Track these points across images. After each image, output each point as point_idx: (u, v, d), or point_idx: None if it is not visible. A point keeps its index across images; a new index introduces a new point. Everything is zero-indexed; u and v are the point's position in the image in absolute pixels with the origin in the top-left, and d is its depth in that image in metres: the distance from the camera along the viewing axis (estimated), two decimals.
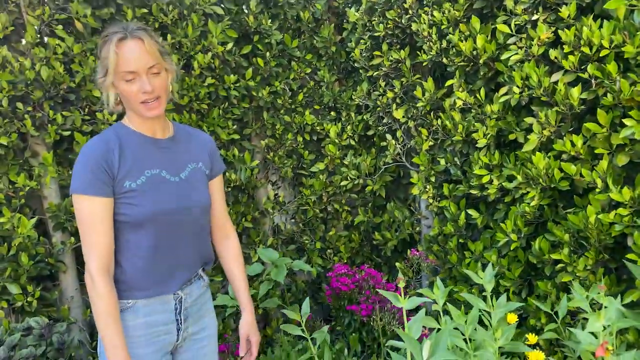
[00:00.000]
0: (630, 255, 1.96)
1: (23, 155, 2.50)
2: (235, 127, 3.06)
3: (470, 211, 2.72)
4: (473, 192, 2.65)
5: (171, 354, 1.58)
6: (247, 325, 1.70)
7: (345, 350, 2.24)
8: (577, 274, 2.21)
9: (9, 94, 2.35)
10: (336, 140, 3.33)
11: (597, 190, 2.06)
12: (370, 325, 2.46)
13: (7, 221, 2.34)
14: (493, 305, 1.67)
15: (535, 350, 1.66)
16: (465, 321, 1.52)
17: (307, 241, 3.39)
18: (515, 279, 2.52)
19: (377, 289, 2.48)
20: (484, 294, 1.69)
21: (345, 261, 3.49)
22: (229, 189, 3.04)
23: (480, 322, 1.82)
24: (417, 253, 2.67)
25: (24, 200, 2.43)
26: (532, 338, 1.73)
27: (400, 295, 1.20)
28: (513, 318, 1.84)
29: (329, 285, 2.57)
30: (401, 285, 1.17)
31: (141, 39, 1.40)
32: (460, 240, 2.84)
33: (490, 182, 2.53)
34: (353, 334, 2.46)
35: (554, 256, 2.25)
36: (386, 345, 2.04)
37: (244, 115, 3.13)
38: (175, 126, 1.62)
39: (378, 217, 3.38)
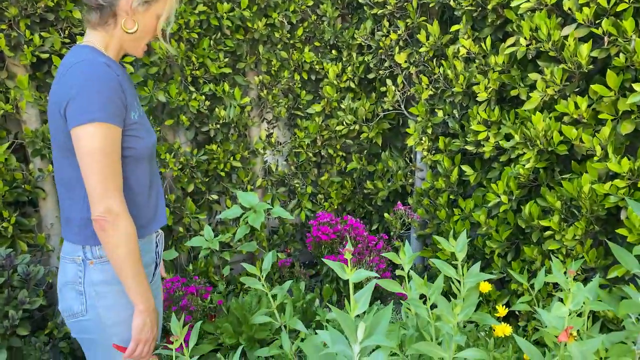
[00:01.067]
0: (621, 230, 1.85)
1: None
2: (227, 59, 2.90)
3: (464, 167, 2.59)
4: (468, 148, 2.51)
5: None
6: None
7: (317, 301, 2.20)
8: (564, 243, 2.10)
9: None
10: (335, 82, 3.16)
11: (596, 158, 1.91)
12: None
13: None
14: (464, 274, 1.59)
15: (503, 323, 1.59)
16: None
17: (298, 185, 3.30)
18: (502, 242, 2.42)
19: (357, 240, 2.41)
20: (454, 262, 1.59)
21: (336, 207, 3.41)
22: (218, 126, 2.93)
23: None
24: (403, 208, 2.57)
25: None
26: (501, 310, 1.65)
27: (347, 266, 1.10)
28: (486, 287, 1.77)
29: (309, 233, 2.51)
30: (347, 256, 1.08)
31: None
32: (451, 197, 2.74)
33: (487, 139, 2.38)
34: (328, 285, 2.41)
35: (543, 223, 2.14)
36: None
37: (237, 47, 2.96)
38: None
39: (372, 166, 3.26)
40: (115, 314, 1.33)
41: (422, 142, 2.80)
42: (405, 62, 2.84)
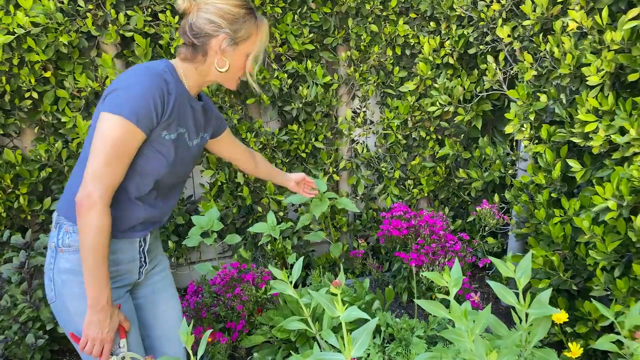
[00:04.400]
0: None
1: (90, 54, 2.49)
2: (312, 35, 2.74)
3: (570, 162, 2.21)
4: (575, 140, 2.12)
5: (130, 293, 1.52)
6: (297, 179, 1.98)
7: (377, 303, 2.02)
8: None
9: None
10: (430, 58, 2.86)
11: None
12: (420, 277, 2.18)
13: (68, 121, 2.39)
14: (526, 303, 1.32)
15: None
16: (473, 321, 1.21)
17: (384, 168, 3.10)
18: (609, 254, 2.03)
19: (432, 239, 2.17)
20: (515, 290, 1.33)
21: (426, 195, 3.16)
22: (301, 105, 2.81)
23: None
24: (489, 206, 2.26)
25: (86, 102, 2.45)
26: (575, 350, 1.36)
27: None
28: (562, 317, 1.47)
29: (382, 226, 2.32)
30: (337, 291, 0.90)
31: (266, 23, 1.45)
32: (553, 195, 2.36)
33: (596, 131, 1.99)
34: (389, 286, 2.21)
35: None
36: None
37: (324, 22, 2.79)
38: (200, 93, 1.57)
39: (467, 152, 2.94)
40: (80, 304, 1.32)
41: (523, 129, 2.44)
42: (509, 36, 2.47)
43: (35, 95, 2.33)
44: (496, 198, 2.78)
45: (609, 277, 2.09)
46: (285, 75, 2.73)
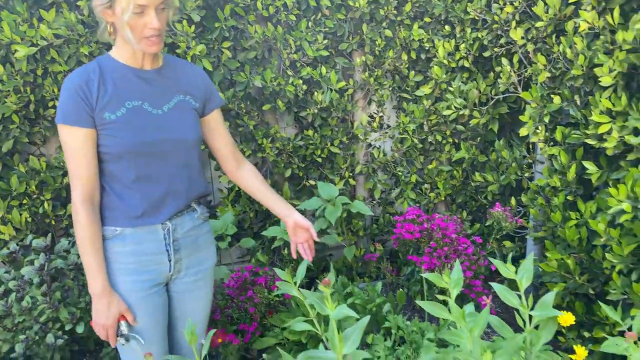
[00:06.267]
0: None
1: None
2: (326, 41, 2.78)
3: (586, 164, 2.18)
4: (589, 141, 2.10)
5: (166, 285, 1.57)
6: (299, 221, 1.63)
7: (388, 305, 2.02)
8: None
9: None
10: (444, 61, 2.86)
11: None
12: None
13: None
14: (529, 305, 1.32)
15: None
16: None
17: (401, 173, 3.10)
18: (625, 257, 2.00)
19: (444, 242, 2.17)
20: (517, 293, 1.32)
21: (444, 199, 3.14)
22: (316, 111, 2.85)
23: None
24: (502, 209, 2.25)
25: None
26: (580, 352, 1.34)
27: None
28: (568, 319, 1.45)
29: (395, 229, 2.33)
30: (326, 290, 0.92)
31: None
32: (569, 198, 2.33)
33: (610, 132, 1.96)
34: (402, 289, 2.20)
35: None
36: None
37: (338, 28, 2.83)
38: (166, 58, 1.54)
39: (483, 155, 2.92)
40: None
41: (538, 131, 2.42)
42: (522, 38, 2.46)
43: None
44: (513, 201, 2.75)
45: (626, 280, 2.05)
46: (300, 81, 2.77)
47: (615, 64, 1.88)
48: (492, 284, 1.36)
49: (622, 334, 2.18)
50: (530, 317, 1.35)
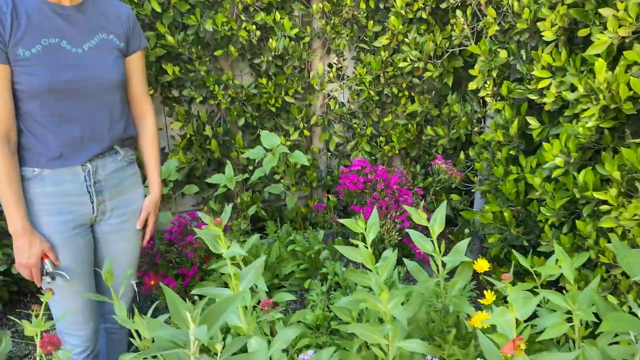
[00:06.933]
0: None
1: None
2: None
3: (529, 119, 2.21)
4: (531, 97, 2.12)
5: (92, 227, 1.57)
6: (151, 204, 1.66)
7: (326, 252, 2.07)
8: (621, 222, 1.72)
9: None
10: (401, 12, 2.82)
11: None
12: None
13: None
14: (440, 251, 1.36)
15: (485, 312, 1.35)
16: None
17: (357, 125, 3.10)
18: (557, 210, 2.06)
19: (386, 193, 2.20)
20: (430, 239, 1.36)
21: (398, 152, 3.17)
22: (270, 58, 2.80)
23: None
24: (442, 162, 2.28)
25: None
26: (489, 296, 1.40)
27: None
28: (484, 265, 1.51)
29: (340, 181, 2.35)
30: (217, 229, 0.93)
31: None
32: (511, 152, 2.37)
33: (549, 87, 1.98)
34: (339, 238, 2.25)
35: (598, 195, 1.76)
36: None
37: None
38: None
39: (436, 109, 2.93)
40: None
41: (487, 86, 2.43)
42: None
43: None
44: (462, 156, 2.79)
45: (557, 233, 2.12)
46: (254, 27, 2.71)
47: (557, 19, 1.88)
48: (409, 230, 1.39)
49: (552, 283, 2.28)
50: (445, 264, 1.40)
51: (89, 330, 1.59)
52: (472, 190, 2.72)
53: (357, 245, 1.30)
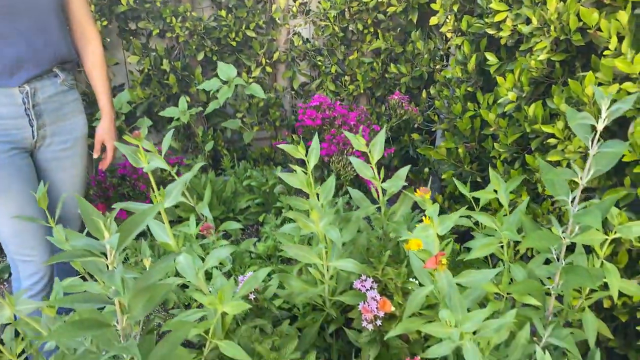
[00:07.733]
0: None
1: None
2: None
3: (487, 54, 2.19)
4: (489, 31, 2.10)
5: (33, 155, 1.54)
6: (103, 131, 1.67)
7: (281, 187, 2.08)
8: (566, 155, 1.75)
9: None
10: None
11: (608, 52, 1.49)
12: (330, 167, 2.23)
13: None
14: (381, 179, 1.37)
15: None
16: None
17: (321, 63, 3.05)
18: (510, 145, 2.08)
19: (344, 129, 2.19)
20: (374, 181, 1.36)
21: (363, 91, 3.14)
22: None
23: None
24: (398, 98, 2.27)
25: None
26: (426, 221, 1.43)
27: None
28: (424, 194, 1.53)
29: (298, 117, 2.33)
30: (136, 142, 0.92)
31: None
32: (469, 89, 2.37)
33: (505, 20, 1.96)
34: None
35: (546, 128, 1.78)
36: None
37: None
38: None
39: (400, 47, 2.90)
40: None
41: (448, 21, 2.39)
42: None
43: None
44: (424, 94, 2.78)
45: (508, 168, 2.15)
46: None
47: None
48: (351, 158, 1.40)
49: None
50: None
51: (42, 254, 1.56)
52: (433, 129, 2.73)
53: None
